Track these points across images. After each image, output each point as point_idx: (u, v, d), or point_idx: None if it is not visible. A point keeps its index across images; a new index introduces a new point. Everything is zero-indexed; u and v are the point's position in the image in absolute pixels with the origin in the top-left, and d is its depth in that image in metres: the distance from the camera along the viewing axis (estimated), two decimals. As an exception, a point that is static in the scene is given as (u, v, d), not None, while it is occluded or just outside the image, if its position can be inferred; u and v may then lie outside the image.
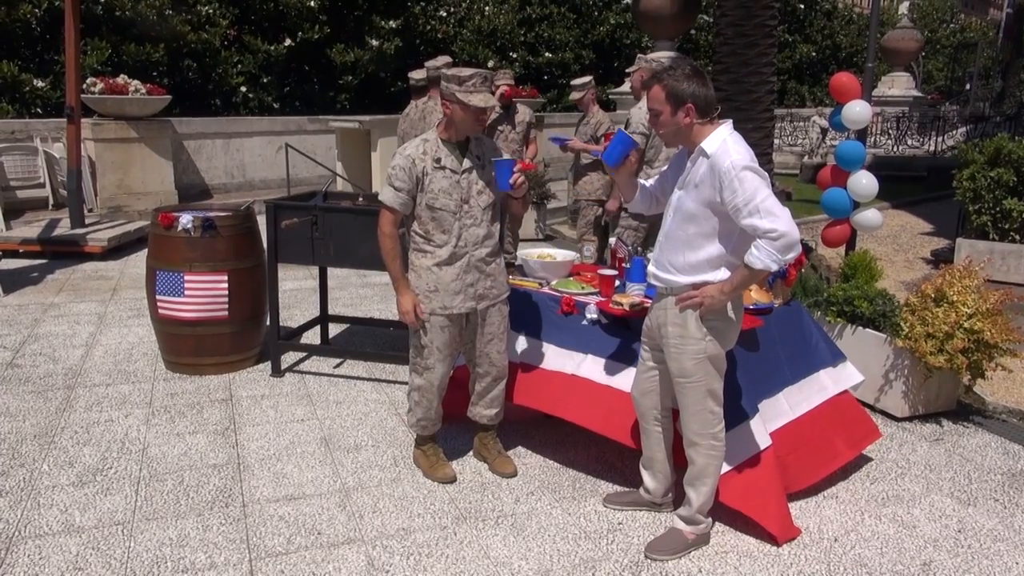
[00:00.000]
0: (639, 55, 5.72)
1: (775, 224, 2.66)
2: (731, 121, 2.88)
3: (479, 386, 3.69)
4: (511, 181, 3.27)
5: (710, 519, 3.18)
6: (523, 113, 6.80)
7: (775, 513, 3.19)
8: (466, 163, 3.38)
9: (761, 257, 2.70)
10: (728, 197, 2.72)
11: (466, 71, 3.25)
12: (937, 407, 4.47)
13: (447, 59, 6.09)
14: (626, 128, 5.54)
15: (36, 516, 3.27)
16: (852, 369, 3.88)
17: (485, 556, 3.08)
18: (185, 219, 4.67)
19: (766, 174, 2.80)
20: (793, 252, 2.69)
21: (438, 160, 3.34)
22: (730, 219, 2.78)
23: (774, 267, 2.71)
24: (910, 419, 4.41)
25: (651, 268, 3.07)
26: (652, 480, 3.36)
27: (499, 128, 6.57)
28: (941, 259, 8.41)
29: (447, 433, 4.01)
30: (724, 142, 2.79)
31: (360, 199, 5.14)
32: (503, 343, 3.60)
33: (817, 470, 3.56)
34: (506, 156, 3.34)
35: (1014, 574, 3.05)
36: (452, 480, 3.62)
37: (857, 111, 5.07)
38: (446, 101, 3.29)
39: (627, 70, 5.67)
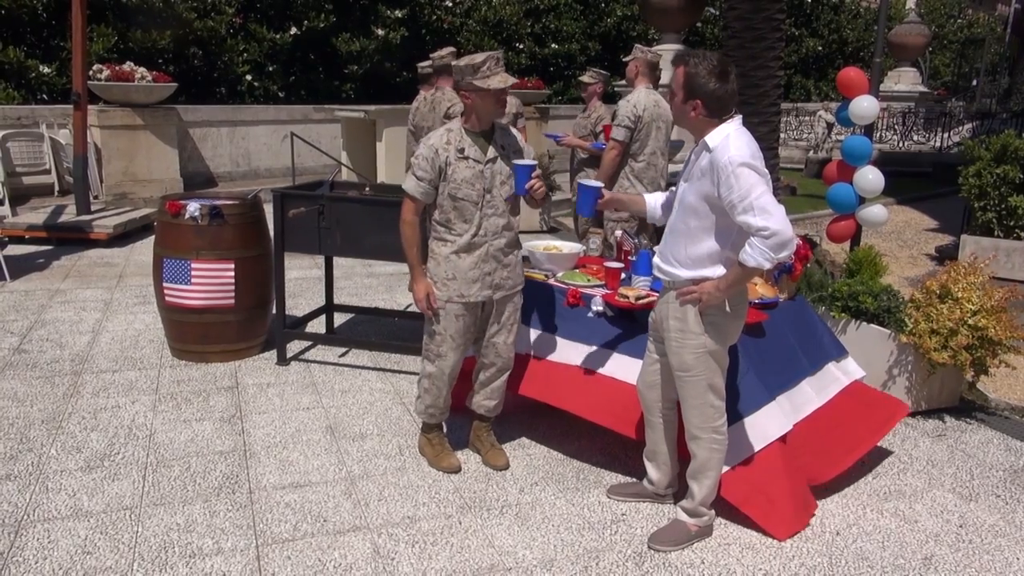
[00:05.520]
0: (636, 45, 5.72)
1: (767, 222, 2.66)
2: (740, 117, 2.89)
3: (483, 376, 3.71)
4: (527, 186, 3.29)
5: (713, 511, 3.20)
6: (510, 104, 6.78)
7: (777, 513, 3.19)
8: (490, 153, 3.39)
9: (753, 255, 2.71)
10: (724, 193, 2.73)
11: (478, 57, 3.27)
12: (940, 403, 4.49)
13: (451, 50, 6.08)
14: (613, 120, 5.56)
15: (45, 500, 3.31)
16: (854, 364, 3.91)
17: (489, 545, 3.10)
18: (193, 207, 4.69)
19: (766, 172, 2.79)
20: (786, 251, 2.70)
21: (462, 150, 3.35)
22: (727, 215, 2.79)
23: (767, 265, 2.72)
24: (913, 415, 4.43)
25: (656, 260, 3.09)
26: (656, 472, 3.38)
27: None
28: (945, 256, 8.40)
29: (451, 423, 4.04)
30: (727, 137, 2.79)
31: (367, 189, 5.15)
32: (511, 335, 3.62)
33: (840, 461, 3.53)
34: (527, 160, 3.34)
35: (1015, 569, 3.07)
36: (457, 470, 3.64)
37: (864, 106, 5.06)
38: (464, 92, 3.31)
39: (624, 58, 5.70)
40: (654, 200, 3.25)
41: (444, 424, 3.83)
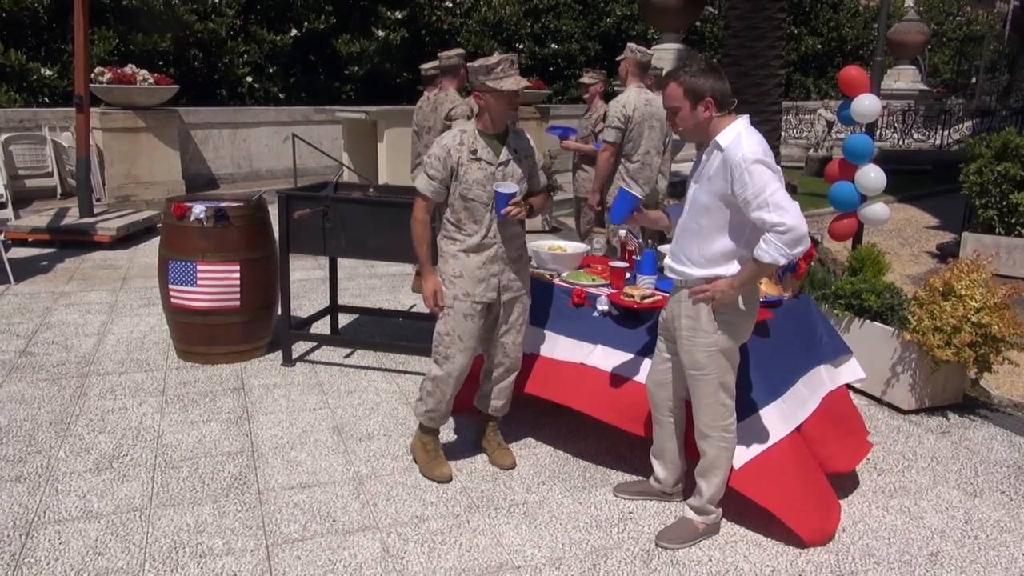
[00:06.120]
0: (628, 45, 5.74)
1: (783, 218, 2.69)
2: (748, 116, 2.91)
3: (493, 375, 3.72)
4: (504, 212, 3.32)
5: (720, 509, 3.22)
6: None
7: (792, 506, 3.17)
8: (503, 155, 3.40)
9: (769, 251, 2.73)
10: (738, 190, 2.75)
11: (492, 59, 3.29)
12: (943, 400, 4.51)
13: (460, 51, 6.10)
14: (604, 121, 5.59)
15: (55, 502, 3.32)
16: (853, 366, 3.87)
17: (498, 544, 3.12)
18: (198, 209, 4.71)
19: (779, 168, 2.82)
20: (801, 246, 2.72)
21: (474, 151, 3.37)
22: (740, 212, 2.81)
23: (782, 261, 2.74)
24: (917, 412, 4.45)
25: (667, 260, 3.10)
26: (663, 470, 3.40)
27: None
28: (947, 253, 8.42)
29: (457, 423, 4.06)
30: (738, 135, 2.82)
31: (371, 190, 5.17)
32: (520, 335, 3.63)
33: (854, 455, 3.55)
34: (510, 187, 3.35)
35: (1020, 564, 3.09)
36: (448, 479, 3.58)
37: (866, 105, 5.08)
38: (478, 92, 3.33)
39: (617, 59, 5.72)
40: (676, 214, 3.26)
41: (443, 429, 3.81)
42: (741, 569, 3.00)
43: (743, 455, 3.23)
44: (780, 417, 3.33)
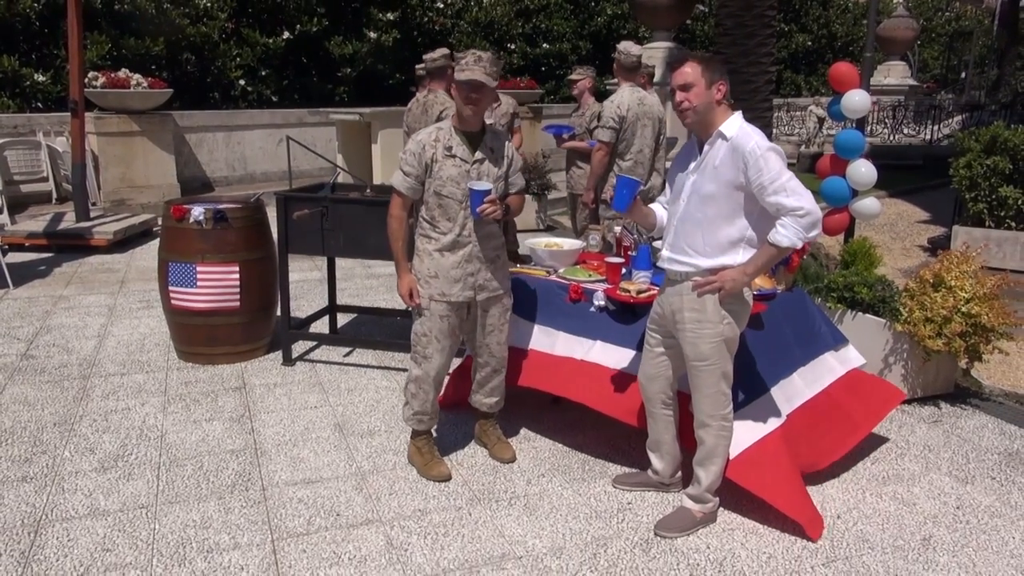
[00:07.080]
0: (618, 44, 5.79)
1: (801, 202, 2.79)
2: (740, 111, 3.00)
3: (479, 375, 3.78)
4: (479, 210, 3.33)
5: (717, 498, 3.28)
6: (505, 105, 6.83)
7: (789, 495, 3.23)
8: (478, 154, 3.44)
9: (788, 235, 2.81)
10: (754, 176, 2.84)
11: (463, 53, 3.36)
12: (935, 390, 4.58)
13: (445, 52, 6.14)
14: (599, 121, 5.65)
15: (62, 500, 3.37)
16: (855, 352, 3.97)
17: (500, 535, 3.18)
18: (197, 211, 4.75)
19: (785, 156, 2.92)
20: (816, 230, 2.83)
21: (449, 148, 3.41)
22: (750, 200, 2.89)
23: (799, 244, 2.83)
24: (909, 401, 4.51)
25: (666, 253, 3.14)
26: (660, 461, 3.46)
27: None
28: (938, 247, 8.50)
29: (456, 419, 4.11)
30: (741, 126, 2.93)
31: (368, 191, 5.22)
32: (503, 335, 3.68)
33: (837, 448, 3.62)
34: (484, 184, 3.36)
35: (1011, 548, 3.16)
36: (447, 478, 3.61)
37: (857, 100, 5.15)
38: (452, 87, 3.39)
39: (613, 55, 5.81)
40: (662, 212, 3.31)
41: (443, 426, 3.86)
42: (738, 556, 3.07)
43: (738, 445, 3.29)
44: (774, 408, 3.39)
